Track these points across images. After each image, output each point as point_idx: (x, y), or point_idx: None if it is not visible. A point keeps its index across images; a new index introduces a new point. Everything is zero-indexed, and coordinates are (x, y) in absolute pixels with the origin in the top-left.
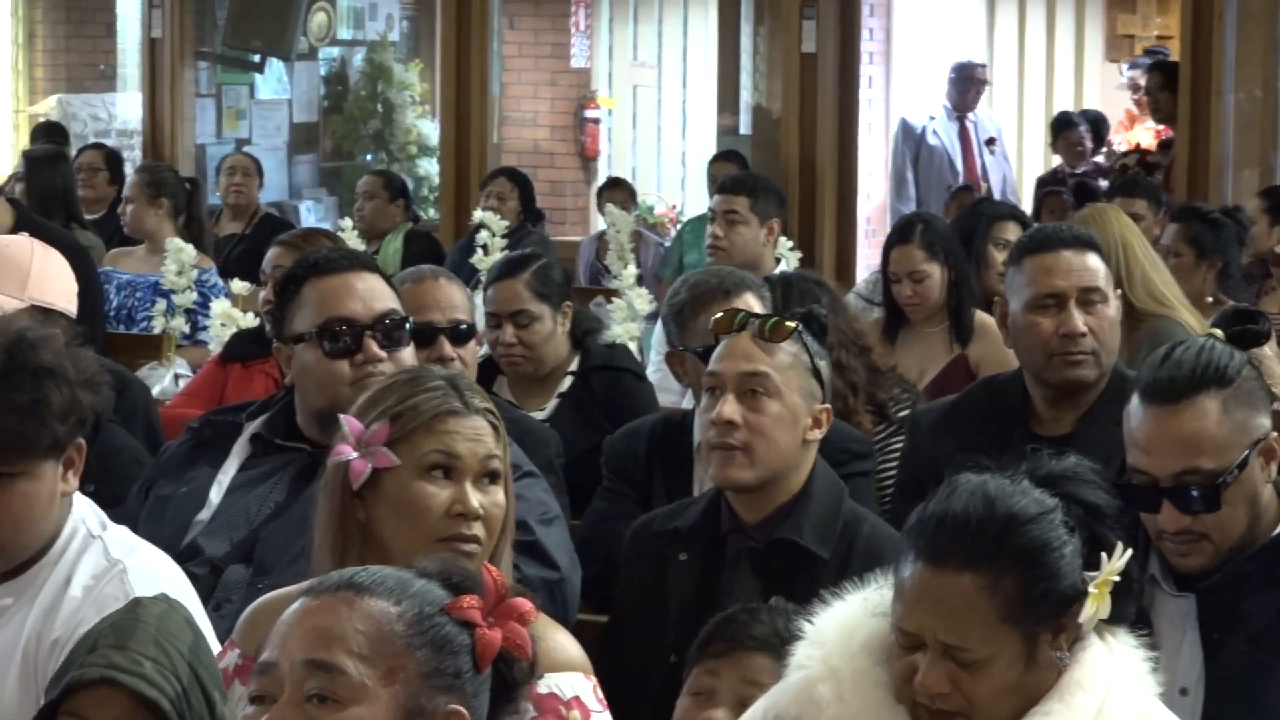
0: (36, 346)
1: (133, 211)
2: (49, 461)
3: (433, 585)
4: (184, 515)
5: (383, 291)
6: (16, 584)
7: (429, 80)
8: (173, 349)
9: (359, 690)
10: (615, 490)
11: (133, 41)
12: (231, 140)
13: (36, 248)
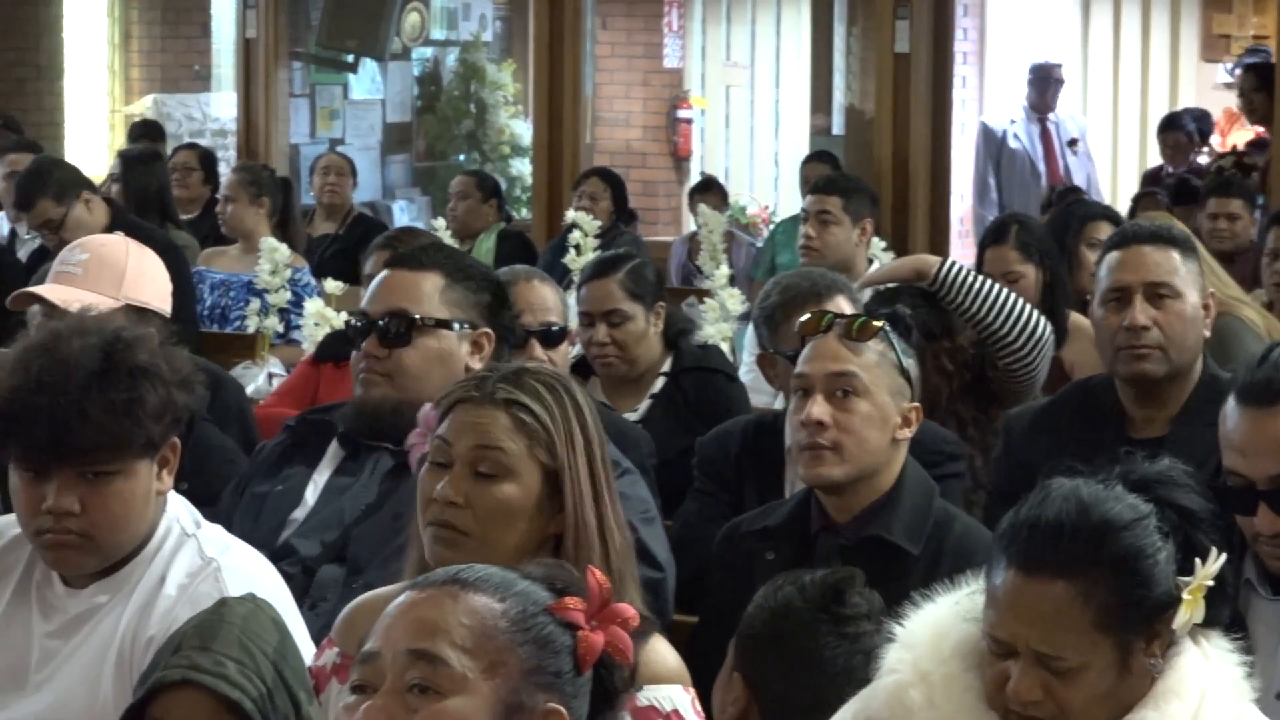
0: (132, 346)
1: (233, 211)
2: (144, 460)
3: (537, 586)
4: (279, 513)
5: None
6: (111, 582)
7: (522, 80)
8: (266, 348)
9: (460, 682)
10: (706, 492)
11: (227, 42)
12: (325, 140)
13: (132, 247)
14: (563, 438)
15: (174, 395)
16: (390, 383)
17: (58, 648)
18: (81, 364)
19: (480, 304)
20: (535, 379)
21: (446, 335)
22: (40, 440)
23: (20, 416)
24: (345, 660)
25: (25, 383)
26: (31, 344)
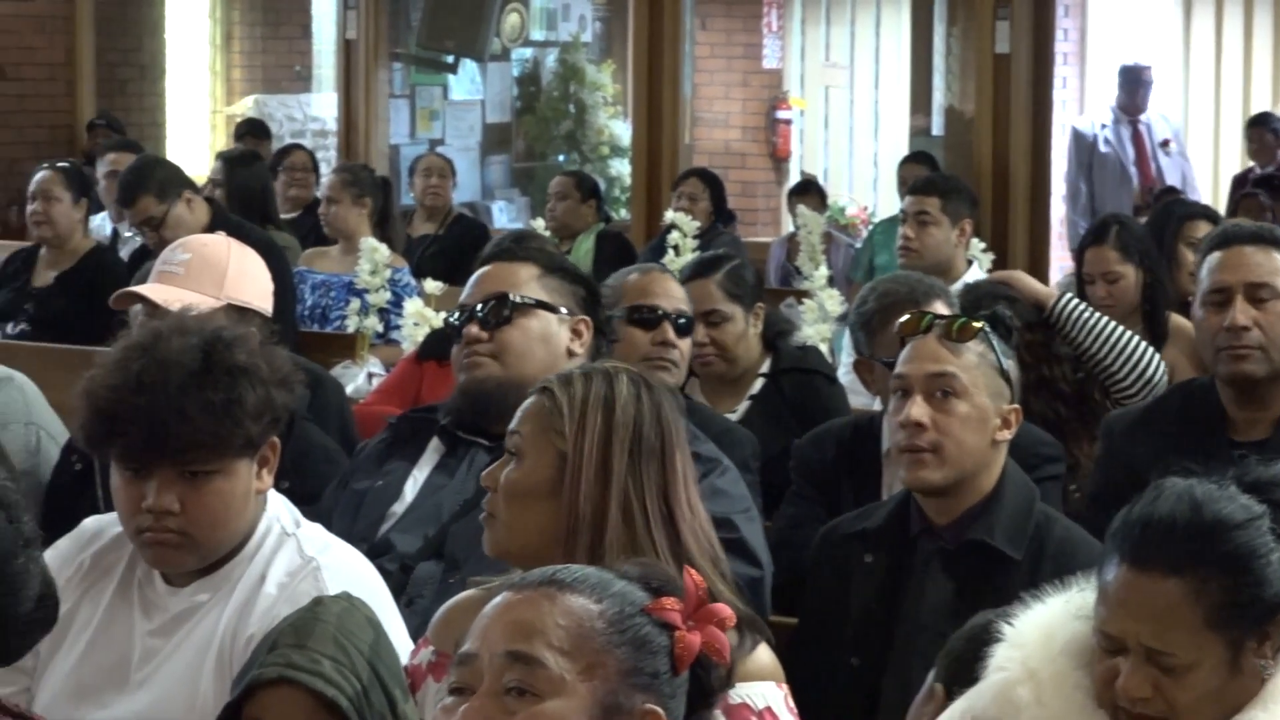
0: (232, 346)
1: (336, 211)
2: (243, 460)
3: (633, 587)
4: (379, 508)
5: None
6: (212, 580)
7: (621, 81)
8: (366, 348)
9: (558, 684)
10: (803, 495)
11: (328, 43)
12: (425, 141)
13: (233, 247)
14: (574, 421)
15: (273, 395)
16: (494, 362)
17: (159, 646)
18: (181, 363)
19: (576, 295)
20: (582, 370)
21: (546, 317)
22: (140, 439)
23: (120, 416)
24: (441, 659)
25: (125, 382)
26: (132, 343)
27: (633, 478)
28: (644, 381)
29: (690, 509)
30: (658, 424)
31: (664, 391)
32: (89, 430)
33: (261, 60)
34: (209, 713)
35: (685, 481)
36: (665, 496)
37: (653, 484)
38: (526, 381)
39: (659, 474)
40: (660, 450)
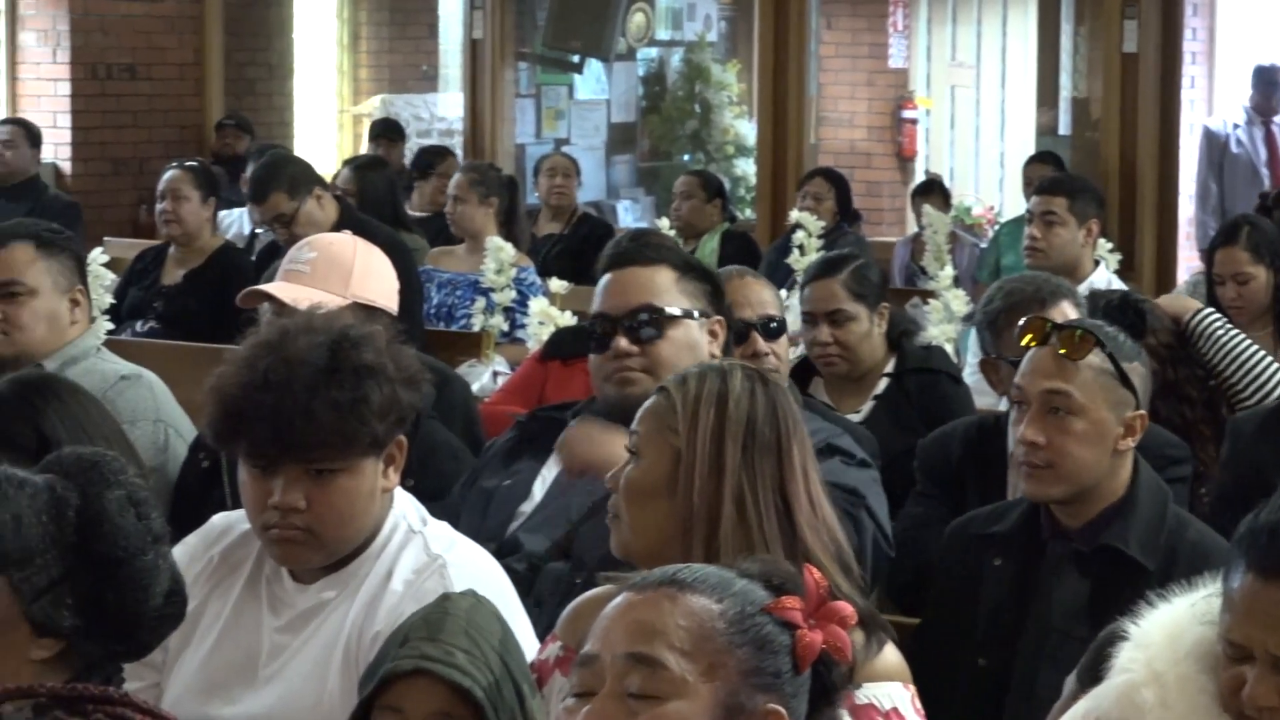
0: (359, 345)
1: (462, 211)
2: (370, 458)
3: (754, 585)
4: (508, 507)
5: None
6: (339, 578)
7: (746, 80)
8: (491, 346)
9: (679, 685)
10: (927, 494)
11: (454, 42)
12: (550, 140)
13: (359, 245)
14: (687, 418)
15: (399, 393)
16: (648, 378)
17: (286, 642)
18: (308, 362)
19: (706, 293)
20: (698, 369)
21: (690, 325)
22: (266, 437)
23: (248, 413)
24: (568, 653)
25: (253, 380)
26: (260, 341)
27: (747, 472)
28: (759, 376)
29: (810, 503)
30: (773, 418)
31: (780, 387)
32: (217, 427)
33: (388, 60)
34: (335, 709)
35: (805, 476)
36: (782, 491)
37: (768, 478)
38: None
39: (774, 468)
40: (776, 444)
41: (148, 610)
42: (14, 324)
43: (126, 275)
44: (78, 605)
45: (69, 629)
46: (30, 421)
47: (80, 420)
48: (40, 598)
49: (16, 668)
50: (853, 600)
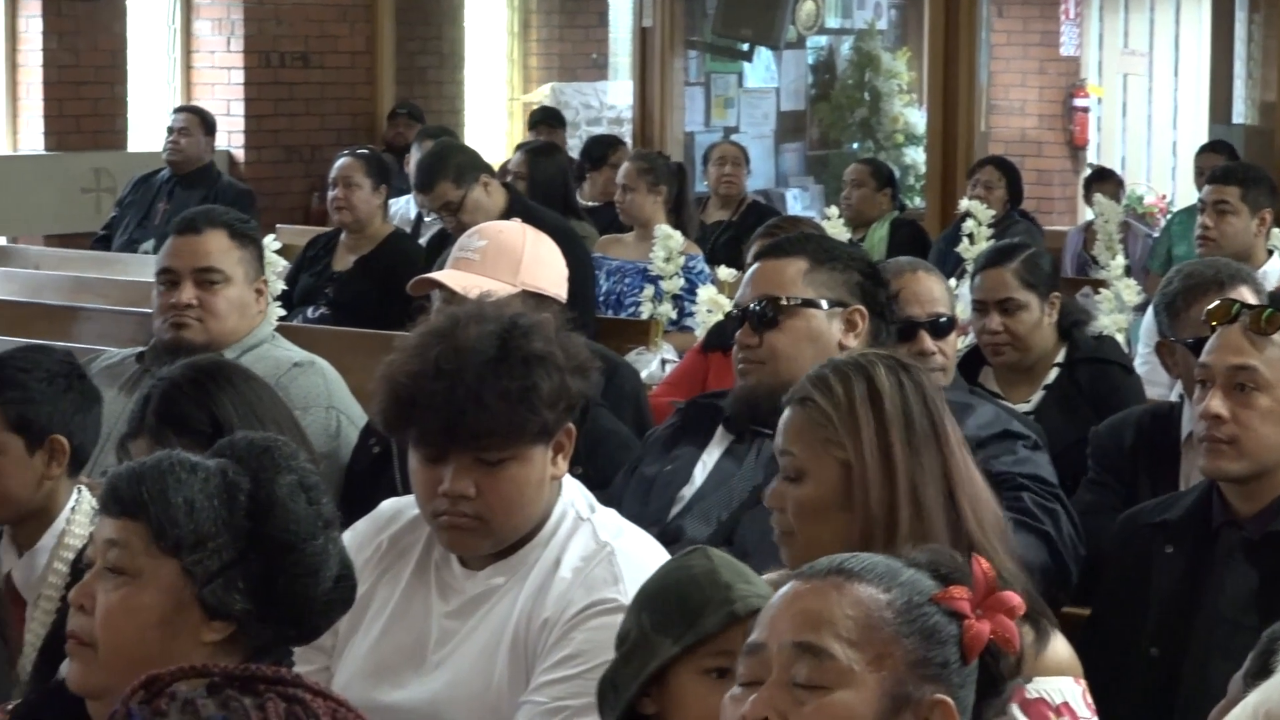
0: (529, 333)
1: (632, 199)
2: (539, 446)
3: (921, 575)
4: (668, 492)
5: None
6: (507, 564)
7: (916, 69)
8: (659, 334)
9: (846, 675)
10: (1100, 482)
11: (624, 31)
12: (719, 128)
13: (529, 233)
14: (848, 428)
15: (568, 382)
16: (763, 369)
17: (455, 628)
18: (478, 351)
19: (849, 283)
20: (834, 369)
21: (814, 315)
22: (437, 425)
23: (418, 402)
24: None
25: (424, 368)
26: (431, 329)
27: (917, 469)
28: (899, 364)
29: (971, 481)
30: (925, 406)
31: (918, 369)
32: (387, 415)
33: (558, 49)
34: (503, 695)
35: (962, 455)
36: (947, 477)
37: (935, 469)
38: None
39: (936, 455)
40: (933, 431)
41: (318, 594)
42: (209, 311)
43: (298, 262)
44: (249, 589)
45: (240, 612)
46: (204, 407)
47: (253, 406)
48: (212, 581)
49: (189, 650)
50: (1017, 579)
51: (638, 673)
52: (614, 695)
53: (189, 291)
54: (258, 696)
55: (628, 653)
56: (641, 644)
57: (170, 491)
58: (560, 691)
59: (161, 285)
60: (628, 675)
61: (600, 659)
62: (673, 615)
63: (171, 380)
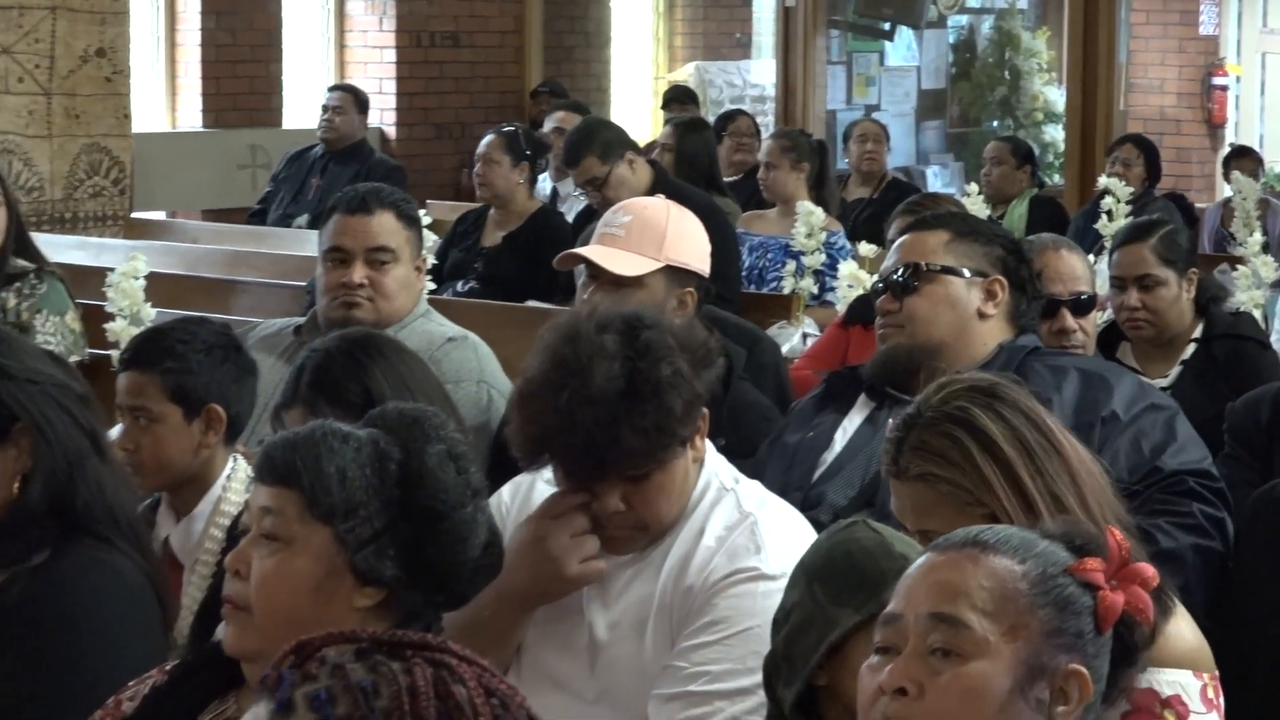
0: (653, 355)
1: (775, 176)
2: (678, 451)
3: (1056, 546)
4: (810, 457)
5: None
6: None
7: (1056, 48)
8: (801, 309)
9: (982, 645)
10: (1235, 457)
11: (768, 10)
12: (860, 106)
13: (672, 209)
14: (979, 485)
15: (697, 386)
16: (902, 331)
17: (605, 595)
18: (607, 390)
19: (991, 255)
20: (935, 433)
21: (953, 281)
22: (576, 466)
23: (556, 449)
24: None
25: (557, 419)
26: (558, 360)
27: (1049, 485)
28: (981, 391)
29: (1090, 473)
30: (1030, 423)
31: (1004, 384)
32: (524, 453)
33: (703, 27)
34: (651, 660)
35: (1073, 447)
36: (1073, 476)
37: (1063, 475)
38: (934, 345)
39: (1060, 463)
40: (1049, 443)
41: (466, 562)
42: (380, 291)
43: (448, 237)
44: (399, 556)
45: (391, 579)
46: (356, 378)
47: (404, 378)
48: (364, 548)
49: (342, 615)
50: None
51: (817, 644)
52: (788, 669)
53: (360, 271)
54: (405, 661)
55: (800, 625)
56: (818, 616)
57: (323, 460)
58: (701, 657)
59: (329, 263)
60: (805, 648)
61: (740, 626)
62: (851, 586)
63: (325, 352)
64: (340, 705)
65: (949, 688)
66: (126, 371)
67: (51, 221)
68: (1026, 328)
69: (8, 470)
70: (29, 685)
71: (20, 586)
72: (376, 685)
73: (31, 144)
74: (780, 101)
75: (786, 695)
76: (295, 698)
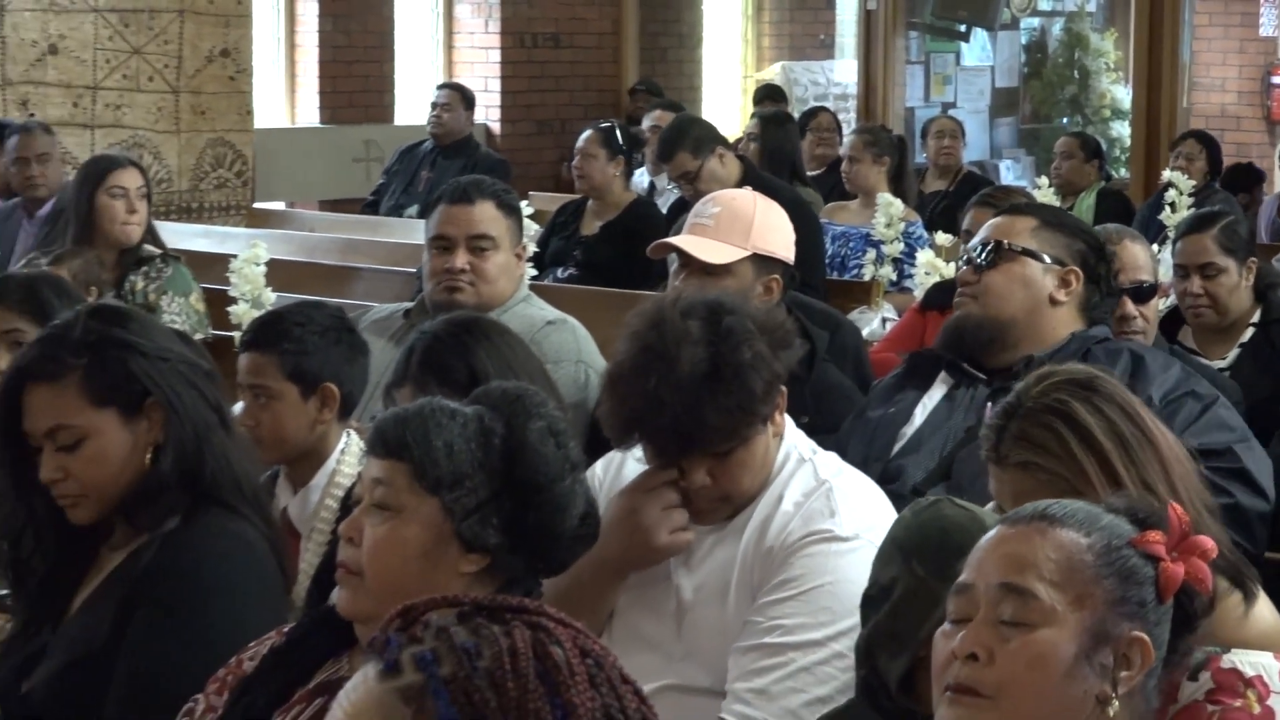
0: (735, 340)
1: (857, 169)
2: (759, 429)
3: (1120, 520)
4: (890, 431)
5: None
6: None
7: (1123, 48)
8: (881, 295)
9: (1049, 613)
10: None
11: (850, 13)
12: (938, 104)
13: (759, 201)
14: (1074, 473)
15: (776, 367)
16: (975, 302)
17: (690, 558)
18: (693, 375)
19: (1072, 248)
20: (1034, 423)
21: (1031, 264)
22: (664, 445)
23: (645, 429)
24: None
25: (646, 403)
26: (646, 346)
27: (1143, 475)
28: (1084, 387)
29: (1178, 460)
30: (1125, 415)
31: (1102, 378)
32: (614, 433)
33: (789, 29)
34: (733, 618)
35: (1163, 435)
36: (1163, 465)
37: (1154, 465)
38: (1004, 320)
39: (1153, 453)
40: (1141, 433)
41: (565, 531)
42: (481, 276)
43: (549, 226)
44: (502, 525)
45: (493, 546)
46: (462, 358)
47: (507, 358)
48: (469, 517)
49: (448, 580)
50: (1222, 549)
51: (923, 619)
52: (895, 644)
53: (462, 257)
54: (505, 624)
55: (905, 600)
56: (922, 591)
57: (431, 435)
58: (776, 612)
59: (434, 250)
60: (910, 623)
61: (814, 583)
62: (950, 561)
63: (434, 334)
64: (445, 665)
65: (1018, 654)
66: (247, 352)
67: (179, 211)
68: (1099, 319)
69: (140, 442)
70: (160, 641)
71: (154, 550)
72: (479, 646)
73: (160, 139)
74: (861, 99)
75: (893, 668)
76: (402, 659)
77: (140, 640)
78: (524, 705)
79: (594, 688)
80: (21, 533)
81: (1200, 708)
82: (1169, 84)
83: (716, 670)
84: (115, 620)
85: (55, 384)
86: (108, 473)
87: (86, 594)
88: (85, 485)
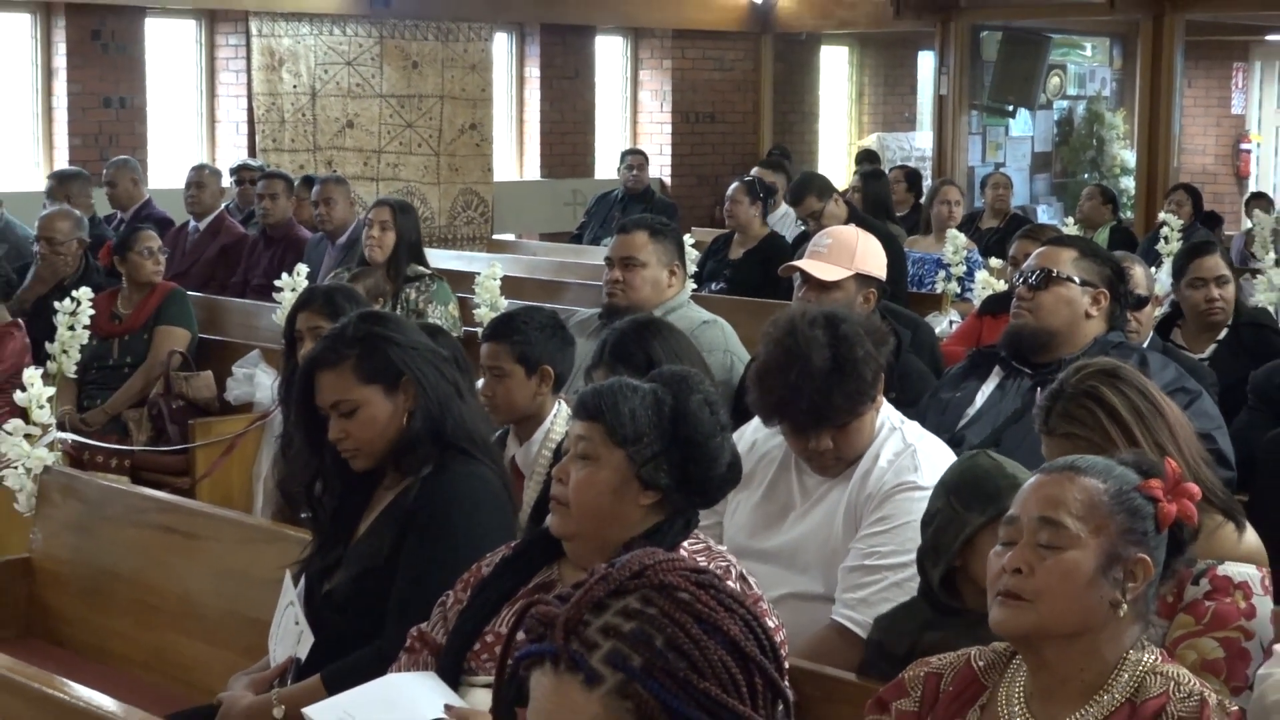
0: (850, 340)
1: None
2: (868, 406)
3: (1129, 470)
4: (958, 409)
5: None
6: None
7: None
8: (949, 303)
9: (1075, 539)
10: (1256, 409)
11: (927, 96)
12: (992, 164)
13: (860, 233)
14: (1105, 439)
15: (879, 360)
16: (1030, 315)
17: (808, 498)
18: (821, 369)
19: (1102, 273)
20: (1074, 402)
21: (1072, 287)
22: (801, 423)
23: (786, 410)
24: None
25: (788, 392)
26: (785, 349)
27: (1156, 443)
28: (1109, 374)
29: (1183, 425)
30: (1142, 394)
31: (1123, 367)
32: (761, 413)
33: (882, 109)
34: (839, 543)
35: (1174, 411)
36: (1173, 432)
37: (1166, 433)
38: (1051, 330)
39: (1164, 424)
40: (1154, 408)
41: (716, 476)
42: (628, 285)
43: (706, 253)
44: (670, 471)
45: (664, 486)
46: (642, 348)
47: (674, 348)
48: (646, 464)
49: (630, 510)
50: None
51: (955, 538)
52: (935, 555)
53: (616, 273)
54: (640, 595)
55: (943, 526)
56: (954, 519)
57: (620, 404)
58: (872, 543)
59: (606, 268)
60: (947, 541)
61: (901, 520)
62: (978, 497)
63: (621, 330)
64: (635, 657)
65: (1052, 569)
66: (487, 342)
67: (439, 241)
68: (1116, 327)
69: (399, 409)
70: (425, 555)
71: (417, 489)
72: (643, 629)
73: (426, 189)
74: (935, 161)
75: (934, 574)
76: (596, 666)
77: (411, 556)
78: (706, 654)
79: (728, 611)
80: (315, 478)
81: (1200, 604)
82: (1164, 149)
83: (828, 582)
84: (393, 542)
85: (335, 369)
86: (376, 432)
87: (369, 522)
88: (360, 442)
